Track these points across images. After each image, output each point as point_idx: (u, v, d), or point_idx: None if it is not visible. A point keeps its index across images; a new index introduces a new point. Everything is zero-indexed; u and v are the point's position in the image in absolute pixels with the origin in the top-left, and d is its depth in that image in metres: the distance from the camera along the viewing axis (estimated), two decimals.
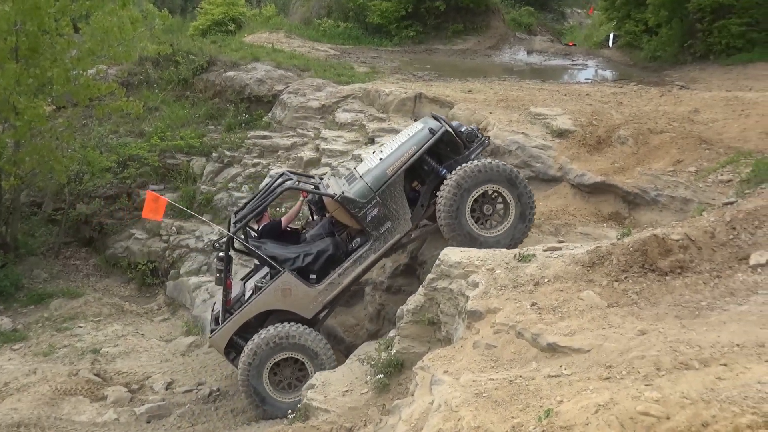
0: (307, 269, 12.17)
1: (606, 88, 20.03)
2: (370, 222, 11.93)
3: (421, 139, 12.17)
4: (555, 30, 42.39)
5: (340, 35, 30.58)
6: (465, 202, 11.35)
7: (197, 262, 17.93)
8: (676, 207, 12.76)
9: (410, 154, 12.06)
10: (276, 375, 11.95)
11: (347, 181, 12.48)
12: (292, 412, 10.99)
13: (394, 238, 12.12)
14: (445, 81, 21.57)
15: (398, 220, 12.05)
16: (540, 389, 6.13)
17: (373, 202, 11.88)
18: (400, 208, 12.04)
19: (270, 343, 11.64)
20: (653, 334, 6.60)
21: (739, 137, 14.17)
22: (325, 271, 12.18)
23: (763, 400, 4.93)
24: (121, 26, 16.66)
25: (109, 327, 15.94)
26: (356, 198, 11.87)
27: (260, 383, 11.76)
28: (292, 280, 11.94)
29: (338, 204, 11.96)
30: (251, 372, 11.67)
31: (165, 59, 22.17)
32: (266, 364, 11.71)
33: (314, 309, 12.13)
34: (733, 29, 23.14)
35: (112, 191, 19.44)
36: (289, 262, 12.10)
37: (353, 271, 12.10)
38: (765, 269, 7.91)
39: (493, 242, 11.24)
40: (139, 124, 20.52)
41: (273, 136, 19.56)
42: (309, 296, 12.02)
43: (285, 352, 11.74)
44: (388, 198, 11.94)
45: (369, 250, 12.08)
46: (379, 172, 12.09)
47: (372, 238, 12.05)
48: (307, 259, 12.19)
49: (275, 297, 11.95)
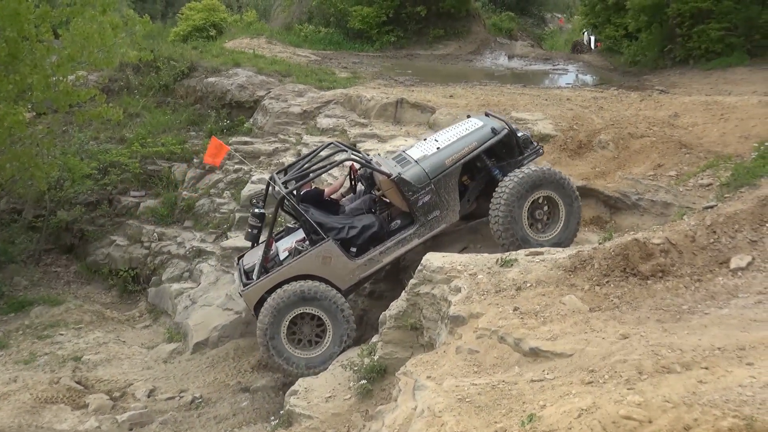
0: (350, 241, 12.25)
1: (587, 93, 20.11)
2: (420, 207, 12.06)
3: (483, 137, 12.38)
4: (535, 35, 42.49)
5: (321, 40, 30.58)
6: (522, 208, 11.57)
7: (179, 268, 17.86)
8: (657, 211, 12.83)
9: (470, 149, 12.28)
10: (294, 334, 11.99)
11: (398, 163, 12.53)
12: (307, 368, 11.54)
13: (440, 227, 12.29)
14: (426, 86, 21.59)
15: (447, 210, 12.20)
16: (523, 394, 6.15)
17: (427, 189, 12.00)
18: (452, 199, 12.20)
19: (292, 295, 11.68)
20: (635, 338, 6.63)
21: (719, 141, 14.25)
22: (365, 246, 12.28)
23: (744, 403, 4.96)
24: (102, 32, 16.56)
25: (90, 334, 15.83)
26: (412, 181, 11.97)
27: (278, 336, 11.78)
28: (334, 250, 12.00)
29: (392, 184, 12.04)
30: (271, 323, 11.70)
31: (146, 65, 22.08)
32: (286, 317, 11.75)
33: (349, 281, 12.19)
34: (712, 34, 23.27)
35: (93, 198, 19.33)
36: (333, 232, 12.19)
37: (395, 251, 12.22)
38: (745, 273, 7.97)
39: (548, 245, 11.25)
40: (119, 131, 20.43)
41: (254, 142, 19.52)
42: (347, 268, 12.08)
43: (306, 307, 11.80)
44: (441, 187, 12.07)
45: (414, 234, 12.21)
46: (438, 160, 12.22)
47: (419, 223, 12.17)
48: (351, 231, 12.27)
49: (314, 263, 11.98)
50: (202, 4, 32.32)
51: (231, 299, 15.36)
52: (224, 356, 14.44)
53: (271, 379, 13.35)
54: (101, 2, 16.75)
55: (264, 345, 11.89)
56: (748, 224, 8.68)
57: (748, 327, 6.63)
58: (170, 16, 44.39)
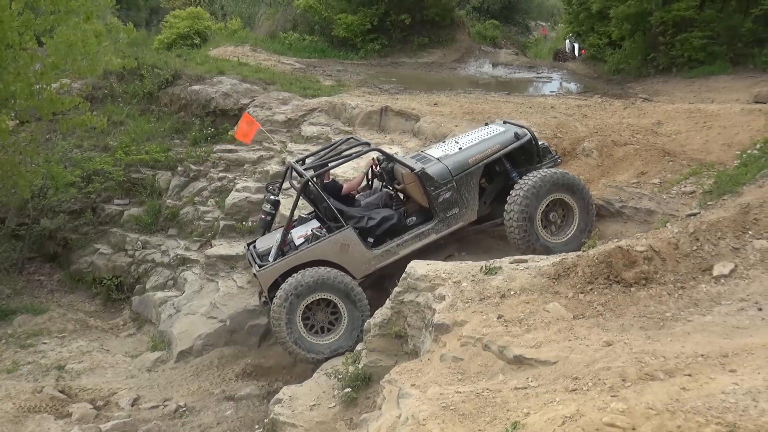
0: (368, 231, 12.35)
1: (570, 101, 20.17)
2: (440, 203, 12.23)
3: (506, 141, 12.66)
4: (520, 43, 42.64)
5: (305, 48, 30.61)
6: (538, 208, 11.81)
7: (163, 276, 17.82)
8: (641, 218, 12.87)
9: (493, 151, 12.52)
10: (308, 319, 11.98)
11: (418, 160, 12.64)
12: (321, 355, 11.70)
13: (457, 224, 12.46)
14: (411, 94, 21.63)
15: (466, 209, 12.39)
16: (507, 401, 6.15)
17: (448, 186, 12.19)
18: (471, 198, 12.40)
19: (309, 281, 11.68)
20: (618, 345, 6.64)
21: (702, 149, 14.32)
22: (382, 238, 12.40)
23: (728, 410, 4.98)
24: (85, 40, 16.50)
25: (73, 343, 15.75)
26: (435, 177, 12.13)
27: (293, 321, 11.76)
28: (353, 238, 12.09)
29: (415, 178, 12.17)
30: (287, 308, 11.67)
31: (130, 73, 22.01)
32: (302, 302, 11.75)
33: (364, 271, 12.28)
34: (694, 42, 23.44)
35: (77, 206, 19.28)
36: (353, 220, 12.28)
37: (411, 245, 12.35)
38: (728, 280, 7.99)
39: (561, 248, 11.49)
40: (103, 139, 20.34)
41: (239, 150, 19.49)
42: (364, 257, 12.19)
43: (322, 293, 11.80)
44: (463, 186, 12.27)
45: (431, 230, 12.39)
46: (461, 159, 12.43)
47: (437, 219, 12.33)
48: (370, 222, 12.38)
49: (332, 249, 12.05)
50: (186, 12, 32.27)
51: (215, 307, 15.33)
52: (208, 365, 14.40)
53: (255, 387, 13.35)
54: (85, 10, 16.69)
55: (279, 329, 11.85)
56: (731, 232, 8.71)
57: (731, 334, 6.65)
58: (154, 23, 44.27)
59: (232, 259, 16.64)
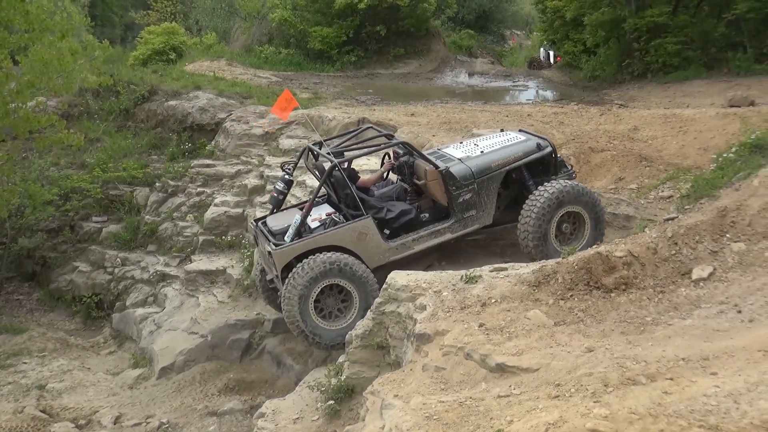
0: (386, 223, 12.33)
1: (547, 108, 20.27)
2: (459, 203, 12.26)
3: (528, 150, 12.73)
4: (495, 52, 42.79)
5: (281, 62, 30.58)
6: (552, 218, 11.90)
7: (143, 293, 17.75)
8: (619, 224, 12.94)
9: (516, 158, 12.59)
10: (319, 302, 11.85)
11: (436, 158, 12.65)
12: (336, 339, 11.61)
13: (473, 226, 12.48)
14: (387, 105, 21.66)
15: (483, 212, 12.43)
16: (490, 410, 6.15)
17: (469, 187, 12.23)
18: (489, 202, 12.44)
19: (324, 265, 11.57)
20: (600, 350, 6.66)
21: (678, 153, 14.41)
22: (397, 231, 12.38)
23: (710, 412, 5.00)
24: (61, 58, 16.45)
25: (54, 362, 15.66)
26: (458, 177, 12.18)
27: (306, 306, 11.65)
28: (371, 227, 12.03)
29: (438, 176, 12.19)
30: (300, 293, 11.54)
31: (105, 90, 21.90)
32: (315, 287, 11.62)
33: (378, 262, 12.18)
34: (668, 48, 23.66)
35: (55, 224, 19.18)
36: (373, 210, 12.24)
37: (427, 242, 12.35)
38: (707, 283, 8.03)
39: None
40: (80, 156, 20.26)
41: (217, 164, 19.48)
42: (380, 248, 12.12)
43: (335, 278, 11.69)
44: (483, 189, 12.32)
45: (447, 229, 12.38)
46: (484, 162, 12.47)
47: (454, 219, 12.34)
48: (389, 214, 12.34)
49: (350, 236, 11.97)
50: (161, 28, 32.20)
51: (196, 323, 15.27)
52: (191, 380, 14.34)
53: (238, 402, 13.30)
54: (60, 28, 16.66)
55: (290, 311, 11.70)
56: (709, 235, 8.76)
57: (711, 337, 6.68)
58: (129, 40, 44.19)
59: (212, 274, 16.60)
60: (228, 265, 16.69)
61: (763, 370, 5.52)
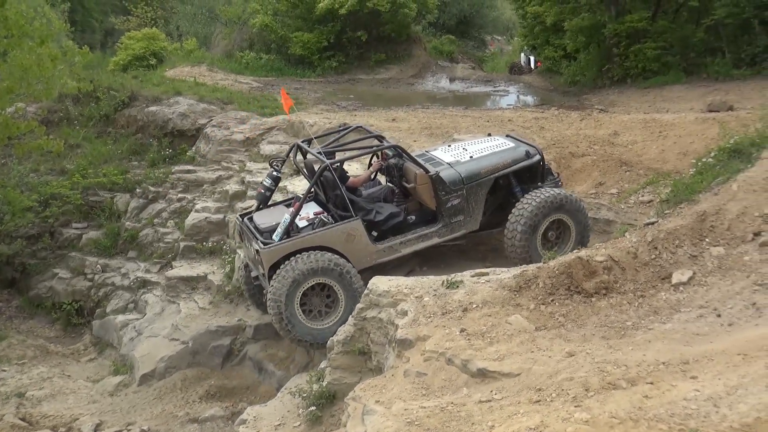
0: (374, 225, 12.35)
1: (528, 114, 20.33)
2: (448, 208, 12.30)
3: (518, 157, 12.80)
4: (476, 57, 42.83)
5: (262, 67, 30.50)
6: (539, 226, 11.95)
7: (123, 300, 17.66)
8: (600, 228, 12.99)
9: (504, 165, 12.66)
10: (305, 304, 11.80)
11: (425, 161, 12.67)
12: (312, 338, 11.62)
13: (460, 231, 12.54)
14: (369, 110, 21.66)
15: (470, 217, 12.49)
16: (471, 415, 6.15)
17: (458, 192, 12.28)
18: (477, 208, 12.51)
19: (311, 264, 11.55)
20: (581, 355, 6.67)
21: (658, 158, 14.48)
22: (385, 234, 12.41)
23: (690, 416, 5.02)
24: (40, 64, 16.40)
25: (34, 369, 15.58)
26: (447, 182, 12.20)
27: (292, 305, 11.60)
28: (360, 229, 12.04)
29: (428, 180, 12.23)
30: (287, 292, 11.50)
31: (85, 95, 21.80)
32: (302, 287, 11.59)
33: (365, 263, 12.19)
34: (648, 53, 23.78)
35: (34, 231, 19.05)
36: (362, 212, 12.26)
37: (414, 245, 12.39)
38: (687, 287, 8.07)
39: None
40: (60, 162, 20.15)
41: (198, 170, 19.42)
42: (367, 250, 12.15)
43: (322, 278, 11.68)
44: (472, 194, 12.38)
45: (434, 233, 12.44)
46: (474, 168, 12.53)
47: (442, 223, 12.39)
48: (378, 216, 12.39)
49: (338, 237, 11.97)
50: (141, 33, 32.08)
51: (177, 329, 15.23)
52: (172, 387, 14.29)
53: (219, 408, 13.27)
54: (39, 34, 16.61)
55: (277, 312, 11.64)
56: (688, 239, 8.81)
57: (691, 341, 6.71)
58: (109, 45, 43.92)
59: (193, 280, 16.55)
60: (209, 271, 16.64)
61: (742, 373, 5.54)
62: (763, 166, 9.62)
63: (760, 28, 22.49)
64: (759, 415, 4.87)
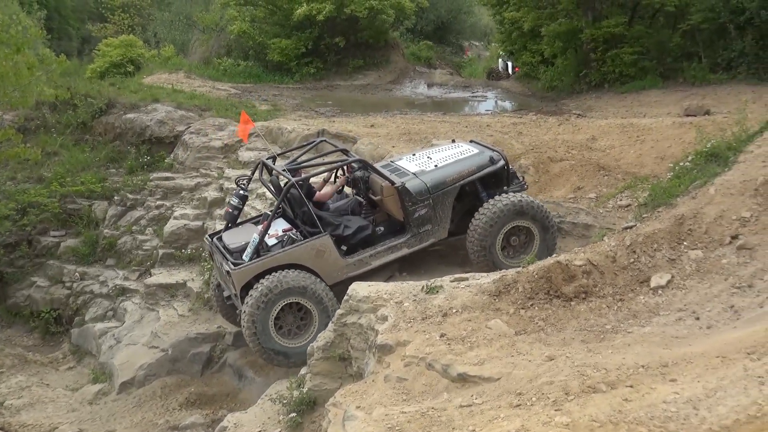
0: (343, 240, 12.36)
1: (506, 119, 20.39)
2: (415, 219, 12.32)
3: (482, 164, 12.77)
4: (454, 63, 42.96)
5: (240, 74, 30.50)
6: (499, 232, 11.99)
7: (102, 307, 17.58)
8: (579, 233, 13.03)
9: (470, 172, 12.65)
10: (279, 323, 11.83)
11: (392, 172, 12.67)
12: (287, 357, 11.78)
13: (429, 241, 12.57)
14: (347, 116, 21.69)
15: (438, 226, 12.51)
16: (452, 420, 6.16)
17: (425, 202, 12.29)
18: (444, 216, 12.52)
19: (282, 285, 11.58)
20: (561, 359, 6.69)
21: (636, 162, 14.55)
22: (355, 247, 12.42)
23: (669, 419, 5.04)
24: (17, 71, 16.33)
25: (12, 378, 15.48)
26: (413, 192, 12.19)
27: (266, 325, 11.64)
28: (329, 245, 12.06)
29: (394, 192, 12.24)
30: (260, 312, 11.54)
31: (62, 103, 21.67)
32: (275, 306, 11.61)
33: (336, 278, 12.19)
34: (625, 58, 23.93)
35: (12, 239, 18.91)
36: (330, 227, 12.25)
37: (384, 257, 12.41)
38: (665, 291, 8.11)
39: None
40: (37, 170, 20.02)
41: (176, 177, 19.37)
42: (338, 265, 12.16)
43: (295, 297, 11.71)
44: (438, 203, 12.38)
45: (403, 244, 12.47)
46: (439, 177, 12.52)
47: (410, 234, 12.42)
48: (347, 230, 12.40)
49: (308, 254, 11.98)
50: (118, 40, 32.04)
51: (156, 337, 15.17)
52: (151, 395, 14.23)
53: (200, 416, 13.20)
54: (15, 41, 16.53)
55: (251, 333, 11.69)
56: (667, 243, 8.85)
57: (670, 344, 6.74)
58: (87, 52, 43.71)
59: (172, 287, 16.50)
60: (188, 278, 16.60)
61: (721, 376, 5.57)
62: (740, 170, 9.67)
63: (736, 32, 22.65)
64: (738, 417, 4.90)
